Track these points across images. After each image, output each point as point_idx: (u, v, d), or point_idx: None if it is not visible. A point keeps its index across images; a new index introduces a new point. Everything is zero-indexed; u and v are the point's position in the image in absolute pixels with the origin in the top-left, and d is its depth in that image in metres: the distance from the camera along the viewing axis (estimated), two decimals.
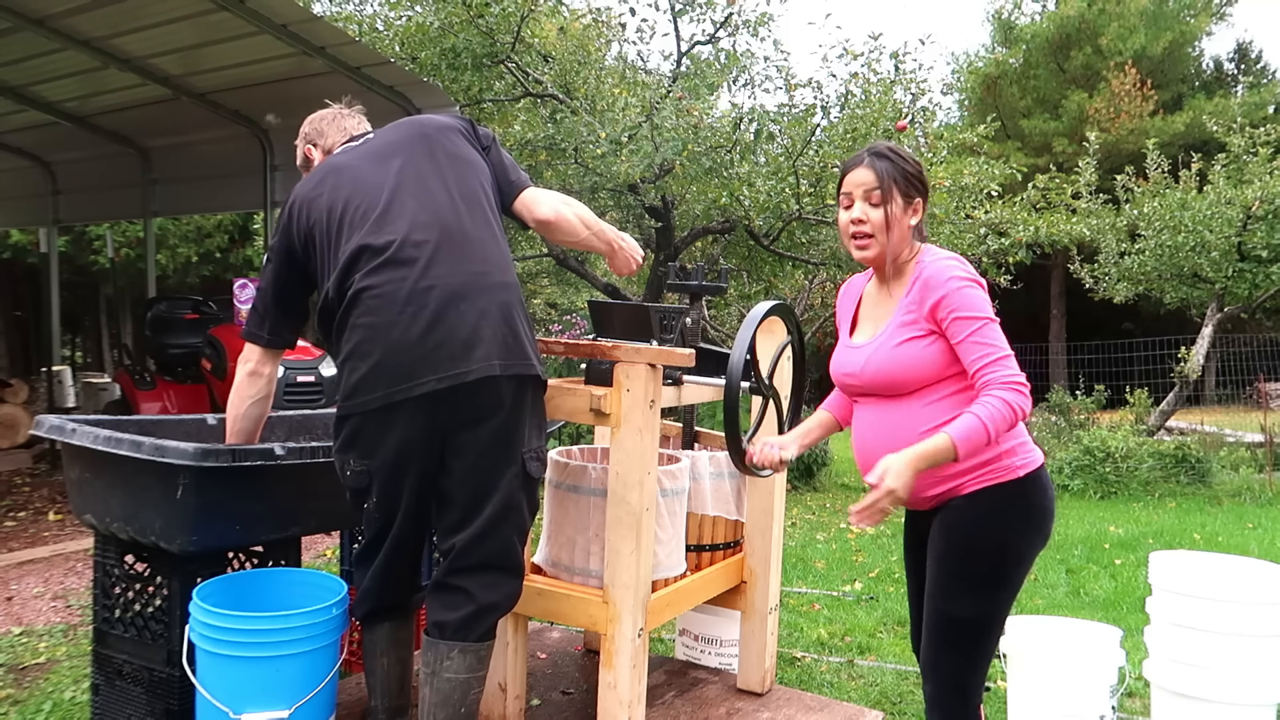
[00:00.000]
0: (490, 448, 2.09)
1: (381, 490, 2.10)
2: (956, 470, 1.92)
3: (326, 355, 6.78)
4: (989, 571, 1.95)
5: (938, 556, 1.99)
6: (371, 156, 2.21)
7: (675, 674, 3.06)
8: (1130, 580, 5.18)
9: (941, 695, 2.00)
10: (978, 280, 1.94)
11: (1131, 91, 21.83)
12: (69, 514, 5.76)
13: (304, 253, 2.19)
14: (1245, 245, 10.58)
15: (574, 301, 13.81)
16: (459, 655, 2.12)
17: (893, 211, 1.98)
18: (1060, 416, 10.79)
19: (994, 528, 1.94)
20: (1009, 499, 1.93)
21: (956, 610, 1.96)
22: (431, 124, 2.28)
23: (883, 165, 1.99)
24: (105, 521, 2.33)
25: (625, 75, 8.90)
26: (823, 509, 7.79)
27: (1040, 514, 1.98)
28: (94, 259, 15.99)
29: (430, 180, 2.15)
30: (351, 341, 2.03)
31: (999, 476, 1.93)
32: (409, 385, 1.99)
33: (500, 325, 2.06)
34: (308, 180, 2.25)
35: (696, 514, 2.75)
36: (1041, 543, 2.01)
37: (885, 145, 2.03)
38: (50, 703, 3.02)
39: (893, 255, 2.01)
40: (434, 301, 2.00)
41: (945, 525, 1.98)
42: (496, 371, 2.03)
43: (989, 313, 1.90)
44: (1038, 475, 1.97)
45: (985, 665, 2.01)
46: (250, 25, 5.70)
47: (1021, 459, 1.94)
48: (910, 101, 7.88)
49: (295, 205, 2.20)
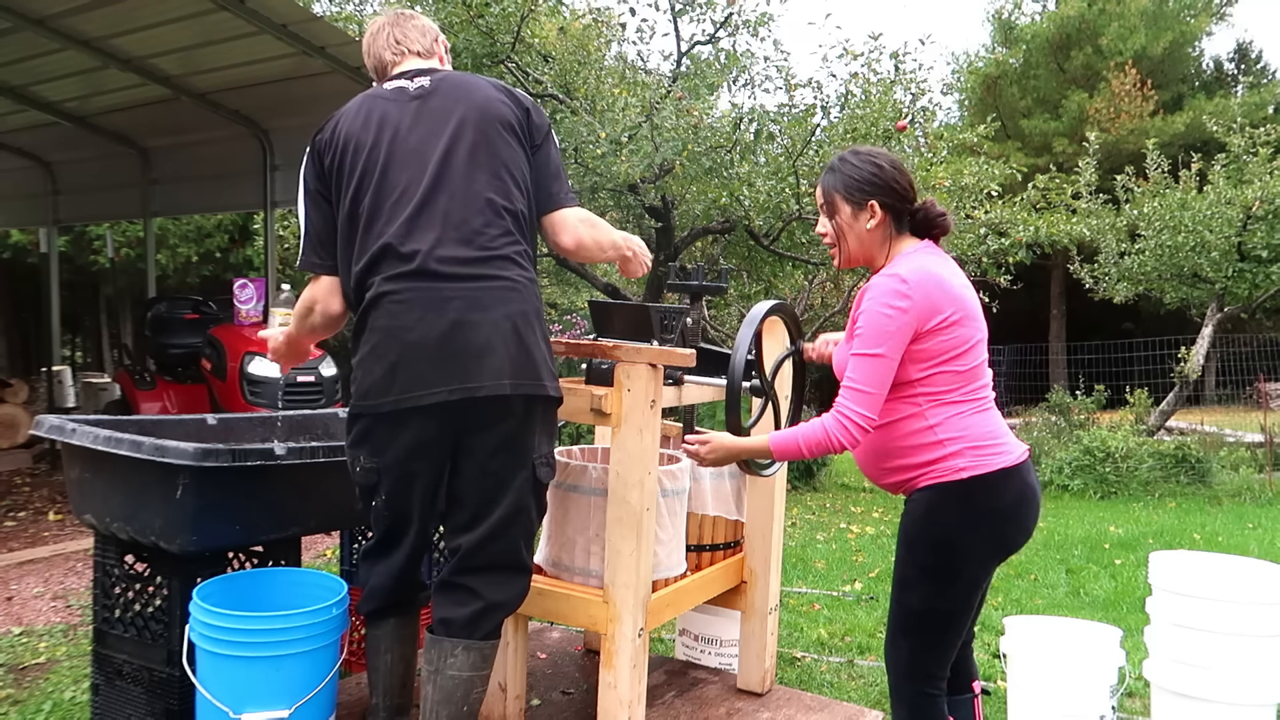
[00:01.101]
0: (502, 452, 2.09)
1: (390, 489, 2.10)
2: (903, 464, 2.03)
3: (326, 355, 6.78)
4: (934, 563, 2.02)
5: (897, 546, 2.10)
6: (417, 125, 2.10)
7: (675, 674, 3.06)
8: (1130, 580, 5.18)
9: (898, 684, 2.08)
10: (893, 309, 1.93)
11: (1131, 91, 21.84)
12: (69, 514, 5.76)
13: (329, 192, 2.15)
14: (1245, 245, 10.58)
15: (574, 301, 13.80)
16: (463, 653, 2.12)
17: (841, 220, 2.08)
18: (1060, 416, 10.79)
19: (934, 523, 2.01)
20: (949, 498, 1.99)
21: (907, 599, 2.06)
22: (487, 112, 2.13)
23: (827, 179, 2.09)
24: (105, 521, 2.33)
25: (625, 75, 8.89)
26: (823, 509, 7.79)
27: (987, 516, 2.00)
28: (94, 259, 15.99)
29: (468, 182, 2.08)
30: (370, 343, 2.03)
31: (941, 476, 1.99)
32: (420, 394, 1.99)
33: (513, 341, 2.04)
34: (346, 113, 2.16)
35: (696, 514, 2.75)
36: (997, 546, 2.05)
37: (839, 156, 2.11)
38: (50, 703, 3.02)
39: (862, 259, 2.10)
40: (453, 311, 2.00)
41: (902, 518, 2.09)
42: (506, 391, 2.02)
43: (876, 347, 1.94)
44: (987, 479, 1.98)
45: (940, 657, 2.05)
46: (250, 25, 5.70)
47: (969, 461, 1.98)
48: (910, 101, 7.88)
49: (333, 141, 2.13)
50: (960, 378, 1.99)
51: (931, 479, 2.00)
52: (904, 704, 2.08)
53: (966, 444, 1.98)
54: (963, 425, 1.99)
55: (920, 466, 2.01)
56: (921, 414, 2.00)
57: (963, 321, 1.98)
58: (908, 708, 2.07)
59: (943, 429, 1.98)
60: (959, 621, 2.05)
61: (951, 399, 1.99)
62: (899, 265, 2.00)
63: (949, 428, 1.98)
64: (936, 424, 1.99)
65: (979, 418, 2.01)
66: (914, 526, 2.04)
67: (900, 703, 2.08)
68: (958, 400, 2.00)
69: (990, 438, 2.01)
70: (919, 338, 1.95)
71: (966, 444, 1.98)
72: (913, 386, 2.00)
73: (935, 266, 2.00)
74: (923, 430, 1.99)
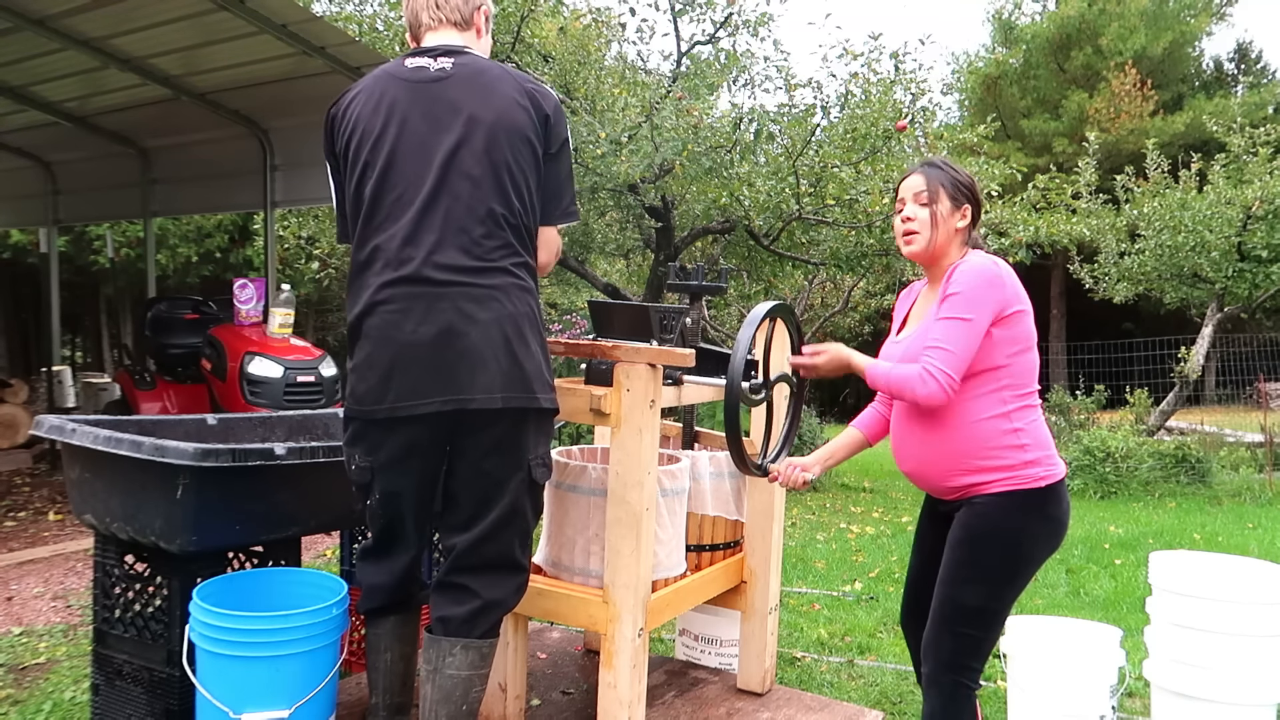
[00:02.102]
0: (496, 454, 2.09)
1: (384, 488, 2.11)
2: (980, 467, 2.09)
3: (326, 355, 6.78)
4: (998, 566, 2.09)
5: (954, 544, 2.13)
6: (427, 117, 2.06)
7: (675, 674, 3.06)
8: (1130, 580, 5.18)
9: (937, 674, 2.13)
10: (992, 281, 2.05)
11: (1131, 91, 21.85)
12: (69, 514, 5.76)
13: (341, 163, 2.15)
14: (1245, 245, 10.58)
15: (574, 301, 13.81)
16: (461, 652, 2.12)
17: (938, 211, 2.17)
18: (1060, 416, 10.79)
19: (1010, 528, 2.08)
20: (1028, 505, 2.08)
21: (963, 597, 2.10)
22: (503, 118, 2.06)
23: (933, 172, 2.20)
24: (105, 521, 2.33)
25: (625, 75, 8.90)
26: (823, 509, 7.80)
27: (1054, 524, 2.12)
28: (94, 259, 15.98)
29: (472, 188, 2.04)
30: (364, 350, 2.04)
31: (1023, 483, 2.07)
32: (413, 404, 2.00)
33: (504, 354, 2.02)
34: (362, 91, 2.13)
35: (696, 514, 2.75)
36: (1051, 550, 2.17)
37: (935, 159, 2.25)
38: (50, 703, 3.02)
39: (938, 253, 2.19)
40: (445, 319, 2.00)
41: (967, 517, 2.12)
42: (498, 405, 2.02)
43: (968, 312, 2.03)
44: (1057, 488, 2.11)
45: (983, 653, 2.13)
46: (250, 25, 5.69)
47: (1045, 470, 2.09)
48: (910, 101, 7.88)
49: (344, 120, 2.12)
50: (1033, 373, 2.12)
51: (1011, 485, 2.07)
52: (940, 693, 2.13)
53: (1043, 451, 2.11)
54: (1040, 430, 2.12)
55: (1001, 469, 2.08)
56: (1008, 415, 2.09)
57: (1029, 315, 2.12)
58: (943, 698, 2.12)
59: (1025, 434, 2.09)
60: (1003, 619, 2.16)
61: (1031, 399, 2.11)
62: (976, 256, 2.13)
63: (1030, 432, 2.10)
64: (1021, 427, 2.09)
65: (1042, 422, 2.15)
66: (985, 527, 2.09)
67: (936, 692, 2.13)
68: (1034, 403, 2.12)
69: (1051, 444, 2.14)
70: (1003, 321, 2.06)
71: (1043, 451, 2.11)
72: (999, 377, 2.08)
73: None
74: (1009, 432, 2.08)
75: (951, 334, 2.03)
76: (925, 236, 2.18)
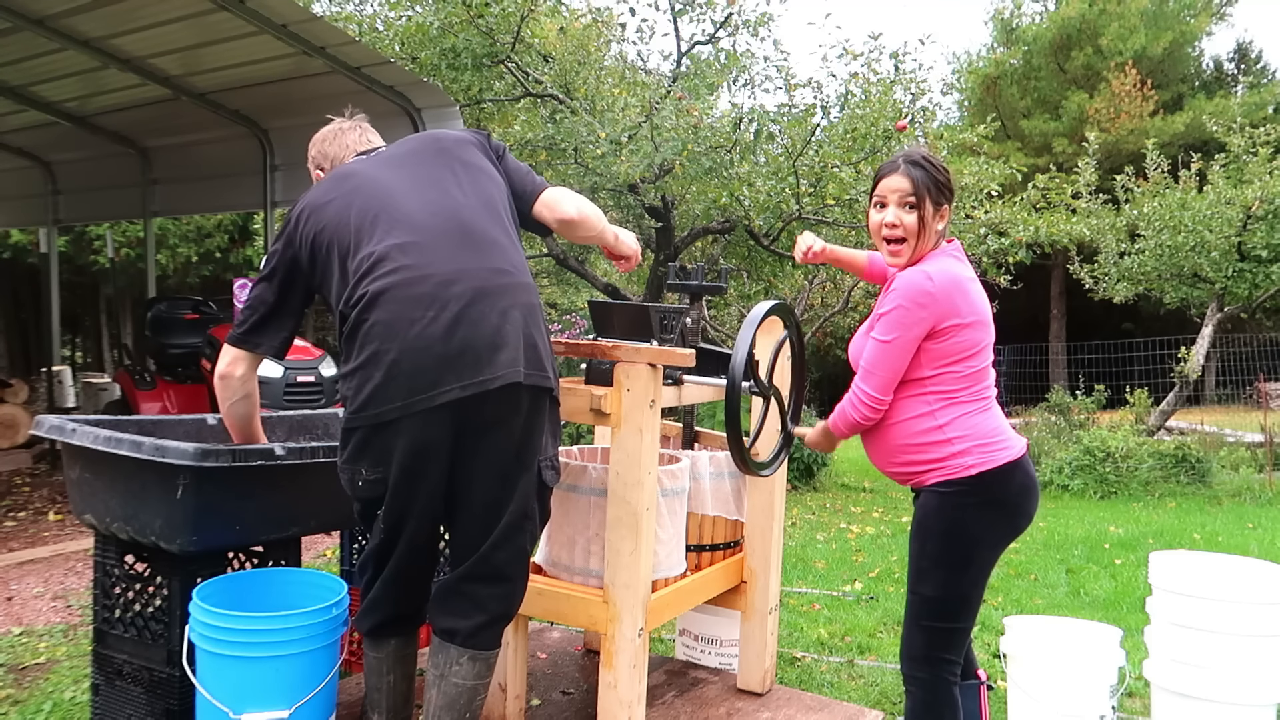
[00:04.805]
0: (506, 455, 2.04)
1: (394, 497, 2.02)
2: (908, 460, 2.17)
3: (326, 355, 6.78)
4: (944, 554, 2.13)
5: (910, 540, 2.22)
6: (383, 163, 2.18)
7: (675, 674, 3.06)
8: (1130, 580, 5.18)
9: (913, 670, 2.17)
10: (920, 302, 2.06)
11: (1131, 92, 21.83)
12: (69, 514, 5.76)
13: (309, 261, 2.10)
14: (1245, 245, 10.58)
15: (574, 301, 13.80)
16: (468, 662, 2.11)
17: (925, 216, 2.16)
18: (1060, 416, 10.79)
19: (945, 516, 2.13)
20: (962, 493, 2.11)
21: (921, 588, 2.17)
22: (447, 137, 2.25)
23: (918, 173, 2.16)
24: (105, 521, 2.33)
25: (625, 75, 8.90)
26: (823, 509, 7.79)
27: (1000, 505, 2.13)
28: (94, 259, 15.99)
29: (446, 184, 2.10)
30: (367, 349, 1.93)
31: (953, 473, 2.11)
32: (430, 394, 1.90)
33: (523, 329, 2.00)
34: (317, 188, 2.19)
35: (696, 514, 2.75)
36: (1006, 534, 2.19)
37: (920, 154, 2.19)
38: (50, 703, 3.02)
39: (920, 258, 2.19)
40: (456, 299, 1.93)
41: (915, 512, 2.21)
42: (520, 379, 1.96)
43: (891, 333, 2.09)
44: (997, 472, 2.11)
45: (955, 645, 2.16)
46: (250, 25, 5.70)
47: (977, 459, 2.10)
48: (910, 101, 7.88)
49: (302, 212, 2.13)
50: (969, 379, 2.12)
51: (942, 475, 2.12)
52: (918, 689, 2.16)
53: (973, 442, 2.11)
54: (970, 424, 2.11)
55: (930, 463, 2.13)
56: (932, 414, 2.13)
57: (975, 326, 2.10)
58: (922, 692, 2.15)
59: (951, 428, 2.11)
60: (971, 608, 2.17)
61: (960, 399, 2.12)
62: (929, 264, 2.13)
63: (957, 427, 2.11)
64: (945, 423, 2.12)
65: (984, 416, 2.14)
66: (927, 519, 2.15)
67: (915, 688, 2.16)
68: (965, 400, 2.12)
69: (994, 434, 2.13)
70: (934, 335, 2.08)
71: (973, 442, 2.11)
72: (924, 384, 2.12)
73: (959, 271, 2.13)
74: (932, 429, 2.13)
75: (874, 357, 2.12)
76: (912, 245, 2.17)
